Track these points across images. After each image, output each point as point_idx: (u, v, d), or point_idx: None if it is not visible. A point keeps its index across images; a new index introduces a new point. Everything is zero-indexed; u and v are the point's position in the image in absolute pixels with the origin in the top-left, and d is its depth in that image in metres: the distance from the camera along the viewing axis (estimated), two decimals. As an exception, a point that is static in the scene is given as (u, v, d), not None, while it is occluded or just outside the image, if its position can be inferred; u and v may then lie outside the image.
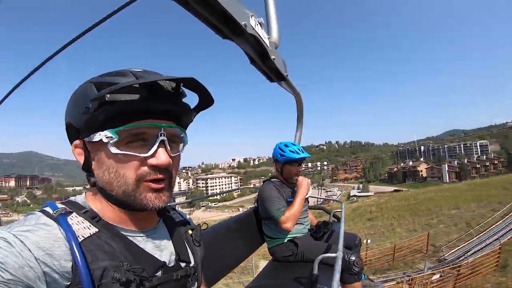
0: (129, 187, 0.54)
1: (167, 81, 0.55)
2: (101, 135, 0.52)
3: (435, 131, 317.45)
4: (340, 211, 2.23)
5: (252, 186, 46.36)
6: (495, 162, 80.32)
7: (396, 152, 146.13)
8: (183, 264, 0.65)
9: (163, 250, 0.63)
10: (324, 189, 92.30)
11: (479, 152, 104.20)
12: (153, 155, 0.54)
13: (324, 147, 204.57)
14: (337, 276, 0.97)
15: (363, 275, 2.01)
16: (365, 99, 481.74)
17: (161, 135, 0.54)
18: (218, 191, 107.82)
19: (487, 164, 79.71)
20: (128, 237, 0.57)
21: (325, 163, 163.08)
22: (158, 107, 0.55)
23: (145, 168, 0.55)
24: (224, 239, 1.83)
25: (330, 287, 0.94)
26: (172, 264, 0.63)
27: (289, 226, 1.86)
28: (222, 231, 1.90)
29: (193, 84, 0.57)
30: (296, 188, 2.05)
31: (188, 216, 0.82)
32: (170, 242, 0.67)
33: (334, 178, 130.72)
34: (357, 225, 24.04)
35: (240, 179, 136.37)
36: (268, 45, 1.32)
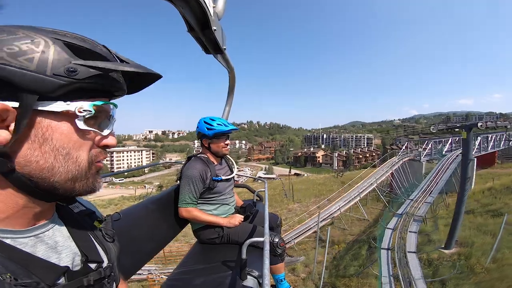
0: (82, 171, 0.46)
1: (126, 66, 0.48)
2: (70, 106, 0.42)
3: (342, 121, 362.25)
4: (264, 191, 2.25)
5: (169, 160, 41.07)
6: (373, 154, 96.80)
7: (305, 138, 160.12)
8: (93, 266, 0.54)
9: (61, 252, 0.50)
10: (237, 168, 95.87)
11: (366, 144, 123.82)
12: (108, 135, 0.50)
13: (246, 126, 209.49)
14: (266, 262, 0.96)
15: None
16: (290, 82, 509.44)
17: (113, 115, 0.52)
18: (125, 167, 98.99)
19: (367, 155, 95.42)
20: (5, 240, 0.42)
21: (243, 142, 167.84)
22: (121, 88, 0.50)
23: (97, 149, 0.50)
24: (141, 223, 1.67)
25: (260, 271, 0.95)
26: (78, 267, 0.52)
27: (184, 216, 1.89)
28: (139, 214, 1.69)
29: (150, 79, 0.52)
30: (228, 215, 2.05)
31: (91, 204, 0.69)
32: (71, 240, 0.55)
33: (249, 158, 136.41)
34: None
35: (153, 153, 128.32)
36: (212, 14, 1.21)
